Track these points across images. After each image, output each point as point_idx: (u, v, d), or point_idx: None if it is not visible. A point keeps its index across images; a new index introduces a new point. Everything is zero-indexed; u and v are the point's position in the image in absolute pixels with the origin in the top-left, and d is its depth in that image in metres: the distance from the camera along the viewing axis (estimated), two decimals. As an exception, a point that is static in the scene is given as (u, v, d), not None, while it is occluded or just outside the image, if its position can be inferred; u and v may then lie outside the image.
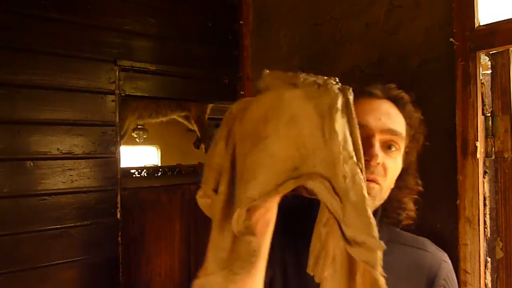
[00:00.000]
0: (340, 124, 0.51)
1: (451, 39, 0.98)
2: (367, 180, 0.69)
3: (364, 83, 1.19)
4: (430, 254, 0.85)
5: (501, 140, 0.93)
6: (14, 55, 1.24)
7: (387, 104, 0.81)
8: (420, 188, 0.89)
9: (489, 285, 0.95)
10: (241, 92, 1.70)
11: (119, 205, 1.42)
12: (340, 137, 0.51)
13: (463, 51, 0.95)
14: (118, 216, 1.42)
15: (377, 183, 0.76)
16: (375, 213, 0.80)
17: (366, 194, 0.51)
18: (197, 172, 2.49)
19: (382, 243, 0.50)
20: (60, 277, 1.30)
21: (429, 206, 1.07)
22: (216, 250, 0.56)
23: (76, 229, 1.33)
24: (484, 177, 0.95)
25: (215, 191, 0.57)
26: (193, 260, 2.11)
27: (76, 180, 1.34)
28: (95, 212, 1.37)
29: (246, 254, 0.54)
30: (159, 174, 2.70)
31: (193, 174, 2.48)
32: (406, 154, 0.83)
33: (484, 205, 0.94)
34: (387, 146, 0.78)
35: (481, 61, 0.94)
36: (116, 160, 1.42)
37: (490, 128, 0.94)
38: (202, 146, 2.89)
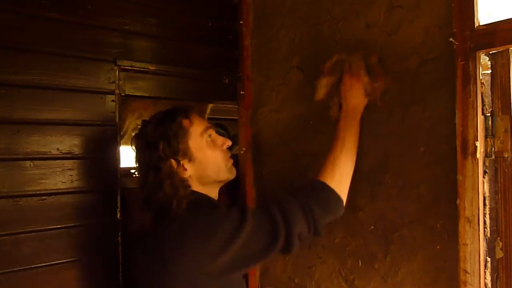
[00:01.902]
0: None
1: (451, 39, 0.99)
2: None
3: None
4: None
5: (501, 140, 0.93)
6: (14, 55, 1.24)
7: None
8: None
9: (489, 285, 0.95)
10: (241, 92, 1.70)
11: (119, 205, 1.42)
12: None
13: (463, 51, 0.96)
14: (118, 216, 1.41)
15: None
16: None
17: None
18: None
19: None
20: (60, 277, 1.30)
21: (429, 206, 1.07)
22: None
23: (76, 229, 1.33)
24: (484, 177, 0.95)
25: None
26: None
27: (76, 180, 1.33)
28: (95, 212, 1.37)
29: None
30: (159, 174, 2.69)
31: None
32: None
33: (484, 205, 0.94)
34: None
35: (481, 61, 0.95)
36: (116, 160, 1.42)
37: (490, 128, 0.94)
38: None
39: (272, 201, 1.06)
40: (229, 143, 1.23)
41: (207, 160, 1.15)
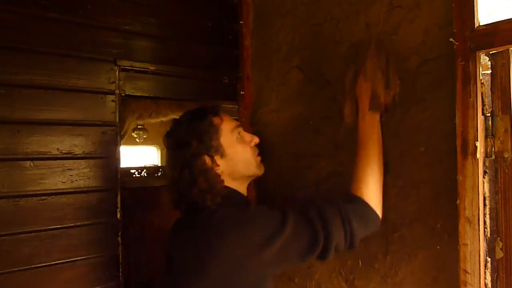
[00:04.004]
0: None
1: (451, 39, 0.98)
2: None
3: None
4: None
5: (501, 140, 0.93)
6: (14, 55, 1.24)
7: None
8: None
9: (489, 285, 0.95)
10: (241, 92, 1.70)
11: (119, 205, 1.42)
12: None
13: (463, 51, 0.95)
14: (118, 216, 1.42)
15: None
16: None
17: None
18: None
19: None
20: (60, 277, 1.30)
21: (429, 206, 1.07)
22: None
23: (76, 229, 1.33)
24: (484, 177, 0.95)
25: None
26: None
27: (76, 180, 1.34)
28: (95, 212, 1.37)
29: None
30: (159, 174, 2.70)
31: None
32: None
33: (484, 205, 0.94)
34: None
35: (481, 61, 0.94)
36: (116, 160, 1.42)
37: (490, 128, 0.94)
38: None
39: (312, 208, 1.04)
40: (257, 140, 1.27)
41: (237, 156, 1.19)
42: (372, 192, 1.07)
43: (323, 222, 1.00)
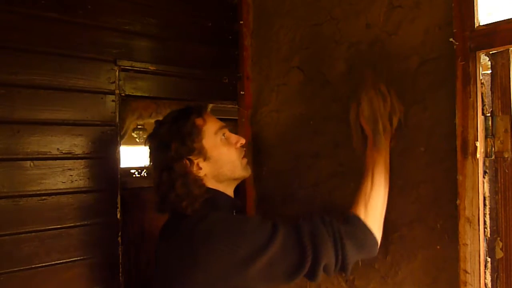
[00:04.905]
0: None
1: (451, 39, 0.98)
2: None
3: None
4: None
5: (501, 140, 0.93)
6: (14, 55, 1.24)
7: None
8: None
9: (489, 285, 0.95)
10: (241, 92, 1.70)
11: (119, 205, 1.42)
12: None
13: (463, 51, 0.96)
14: (118, 216, 1.42)
15: None
16: None
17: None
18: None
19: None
20: (60, 277, 1.30)
21: (429, 206, 1.07)
22: None
23: (76, 229, 1.33)
24: (484, 177, 0.95)
25: None
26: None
27: (76, 180, 1.34)
28: (95, 212, 1.37)
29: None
30: (159, 174, 2.68)
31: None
32: None
33: (484, 205, 0.94)
34: None
35: (481, 61, 0.95)
36: (116, 160, 1.42)
37: (490, 128, 0.94)
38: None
39: (305, 224, 1.00)
40: (243, 141, 1.23)
41: (222, 158, 1.15)
42: (373, 215, 1.03)
43: (314, 241, 0.96)
